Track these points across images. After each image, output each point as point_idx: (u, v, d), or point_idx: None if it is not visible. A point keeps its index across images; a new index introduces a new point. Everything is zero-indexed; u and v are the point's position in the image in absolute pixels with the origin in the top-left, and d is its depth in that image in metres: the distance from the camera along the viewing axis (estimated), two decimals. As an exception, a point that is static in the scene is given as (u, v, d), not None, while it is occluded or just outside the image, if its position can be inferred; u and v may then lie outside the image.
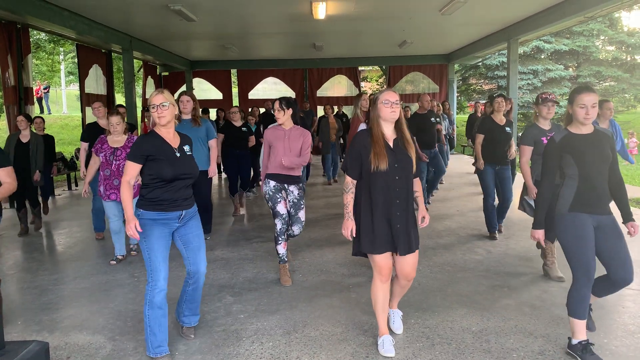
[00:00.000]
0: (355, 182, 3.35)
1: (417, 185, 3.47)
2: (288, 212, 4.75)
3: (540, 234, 3.38)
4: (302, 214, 4.75)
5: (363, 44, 13.83)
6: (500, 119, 6.07)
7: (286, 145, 4.63)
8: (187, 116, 5.76)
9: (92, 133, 6.21)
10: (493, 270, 5.00)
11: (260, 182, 5.23)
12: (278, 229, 4.70)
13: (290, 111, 4.68)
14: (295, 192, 4.74)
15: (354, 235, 3.31)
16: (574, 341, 3.22)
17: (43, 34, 18.37)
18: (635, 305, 4.09)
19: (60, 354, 3.44)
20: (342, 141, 11.65)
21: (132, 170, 3.25)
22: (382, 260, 3.28)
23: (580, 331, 3.20)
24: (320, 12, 9.09)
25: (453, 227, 6.74)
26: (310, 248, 5.86)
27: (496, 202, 6.16)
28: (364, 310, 4.05)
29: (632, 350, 3.34)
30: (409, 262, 3.32)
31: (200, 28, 10.80)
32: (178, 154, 3.38)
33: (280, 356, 3.36)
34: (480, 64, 22.24)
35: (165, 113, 3.27)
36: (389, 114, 3.24)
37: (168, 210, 3.30)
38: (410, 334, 3.63)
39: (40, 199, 7.80)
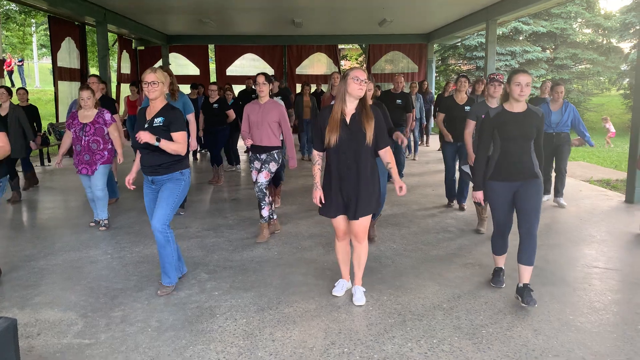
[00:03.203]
0: (321, 154, 3.69)
1: (389, 156, 3.66)
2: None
3: (479, 194, 3.92)
4: (261, 177, 5.19)
5: (343, 21, 13.70)
6: (461, 98, 6.35)
7: (259, 118, 5.15)
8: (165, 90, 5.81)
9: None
10: (465, 249, 5.08)
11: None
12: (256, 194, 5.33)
13: (270, 85, 5.22)
14: (263, 157, 5.26)
15: (323, 202, 3.65)
16: (495, 268, 4.17)
17: (13, 5, 17.77)
18: (601, 282, 4.21)
19: (31, 330, 3.41)
20: None
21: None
22: (336, 222, 3.73)
23: (497, 262, 4.13)
24: (299, -13, 8.97)
25: (428, 206, 6.82)
26: (287, 226, 5.87)
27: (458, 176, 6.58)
28: (337, 287, 4.09)
29: (597, 327, 3.44)
30: (357, 225, 3.65)
31: (177, 1, 10.56)
32: (146, 125, 3.83)
33: (253, 332, 3.38)
34: (459, 44, 22.26)
35: (153, 89, 3.76)
36: (357, 90, 3.44)
37: (145, 173, 3.94)
38: (383, 311, 3.68)
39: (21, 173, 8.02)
